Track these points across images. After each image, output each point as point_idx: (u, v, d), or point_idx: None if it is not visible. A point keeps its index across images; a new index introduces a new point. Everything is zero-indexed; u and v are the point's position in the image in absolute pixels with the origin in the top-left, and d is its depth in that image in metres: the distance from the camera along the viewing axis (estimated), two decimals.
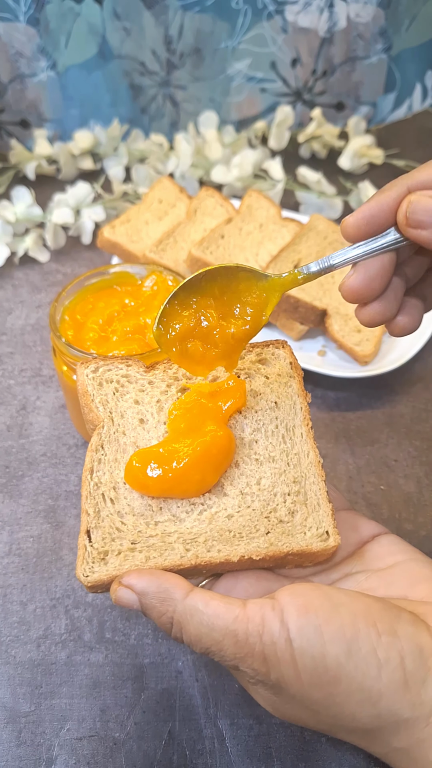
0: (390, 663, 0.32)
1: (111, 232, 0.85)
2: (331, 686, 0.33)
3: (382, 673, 0.32)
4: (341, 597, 0.34)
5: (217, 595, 0.35)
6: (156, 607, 0.36)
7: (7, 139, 1.14)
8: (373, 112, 1.20)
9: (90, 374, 0.46)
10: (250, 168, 1.01)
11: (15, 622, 0.54)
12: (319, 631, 0.33)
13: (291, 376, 0.47)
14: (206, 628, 0.34)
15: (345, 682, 0.32)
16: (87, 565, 0.38)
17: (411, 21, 1.08)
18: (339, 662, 0.32)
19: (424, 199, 0.36)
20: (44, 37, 1.01)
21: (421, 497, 0.63)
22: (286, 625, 0.33)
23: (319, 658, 0.32)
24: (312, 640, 0.33)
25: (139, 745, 0.47)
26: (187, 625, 0.35)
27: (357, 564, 0.41)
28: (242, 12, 1.03)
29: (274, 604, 0.34)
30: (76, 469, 0.66)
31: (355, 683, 0.32)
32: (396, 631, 0.33)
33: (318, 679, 0.33)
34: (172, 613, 0.35)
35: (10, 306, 0.86)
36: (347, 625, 0.33)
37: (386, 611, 0.34)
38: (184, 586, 0.36)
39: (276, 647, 0.33)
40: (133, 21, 1.01)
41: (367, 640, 0.33)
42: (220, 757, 0.46)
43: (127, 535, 0.40)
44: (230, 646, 0.34)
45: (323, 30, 1.06)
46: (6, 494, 0.63)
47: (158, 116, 1.14)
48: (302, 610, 0.33)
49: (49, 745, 0.47)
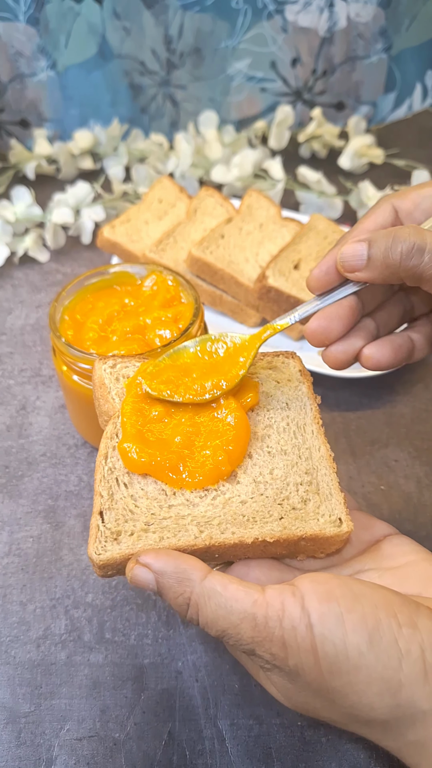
0: (411, 654, 0.33)
1: (111, 231, 0.85)
2: (350, 675, 0.33)
3: (403, 664, 0.32)
4: (362, 587, 0.34)
5: (235, 579, 0.35)
6: (173, 587, 0.35)
7: (6, 138, 1.14)
8: (374, 111, 1.20)
9: (108, 369, 0.48)
10: (250, 168, 1.01)
11: (15, 622, 0.54)
12: (341, 619, 0.33)
13: (300, 381, 0.49)
14: (224, 611, 0.34)
15: (365, 671, 0.32)
16: (99, 544, 0.38)
17: (411, 21, 1.08)
18: (360, 651, 0.32)
19: (349, 246, 0.41)
20: (44, 37, 1.01)
21: (421, 497, 0.63)
22: (307, 612, 0.33)
23: (340, 646, 0.32)
24: (333, 628, 0.33)
25: (138, 746, 0.47)
26: (204, 607, 0.35)
27: (369, 562, 0.41)
28: (242, 12, 1.03)
29: (295, 591, 0.34)
30: (76, 469, 0.66)
31: (375, 673, 0.32)
32: (416, 624, 0.33)
33: (338, 667, 0.33)
34: (189, 594, 0.35)
35: (9, 306, 0.86)
36: (369, 615, 0.33)
37: (406, 604, 0.34)
38: (201, 568, 0.36)
39: (296, 633, 0.33)
40: (133, 21, 1.01)
41: (389, 631, 0.33)
42: (220, 757, 0.46)
43: (140, 517, 0.40)
44: (248, 630, 0.34)
45: (323, 30, 1.06)
46: (6, 494, 0.63)
47: (158, 116, 1.14)
48: (324, 597, 0.33)
49: (49, 745, 0.47)
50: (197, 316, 0.57)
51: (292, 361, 0.51)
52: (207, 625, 0.35)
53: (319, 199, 0.98)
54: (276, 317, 0.77)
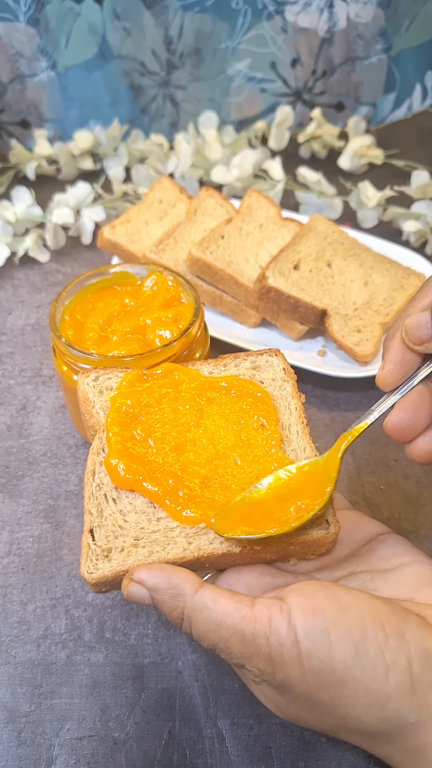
0: (397, 666, 0.32)
1: (111, 232, 0.85)
2: (337, 689, 0.33)
3: (389, 677, 0.32)
4: (349, 598, 0.34)
5: (227, 592, 0.36)
6: (167, 602, 0.36)
7: (7, 139, 1.14)
8: (373, 112, 1.20)
9: (90, 383, 0.47)
10: (250, 168, 1.01)
11: (15, 621, 0.54)
12: (327, 634, 0.33)
13: (285, 380, 0.49)
14: (214, 625, 0.34)
15: (352, 684, 0.32)
16: (91, 563, 0.39)
17: (411, 21, 1.08)
18: (346, 665, 0.32)
19: (413, 318, 0.40)
20: (44, 38, 1.01)
21: (420, 497, 0.63)
22: (294, 627, 0.33)
23: (326, 661, 0.32)
24: (319, 643, 0.33)
25: (139, 745, 0.47)
26: (196, 621, 0.35)
27: (361, 563, 0.41)
28: (242, 12, 1.03)
29: (282, 606, 0.34)
30: (77, 469, 0.66)
31: (362, 686, 0.32)
32: (404, 634, 0.33)
33: (324, 681, 0.33)
34: (182, 609, 0.36)
35: (10, 306, 0.86)
36: (355, 628, 0.33)
37: (394, 613, 0.34)
38: (193, 582, 0.36)
39: (283, 649, 0.33)
40: (133, 21, 1.01)
41: (375, 643, 0.33)
42: (220, 756, 0.46)
43: (129, 532, 0.41)
44: (237, 645, 0.34)
45: (323, 30, 1.06)
46: (6, 494, 0.64)
47: (158, 116, 1.14)
48: (310, 612, 0.33)
49: (49, 744, 0.47)
50: (197, 316, 0.57)
51: (276, 359, 0.50)
52: (200, 639, 0.36)
53: (318, 199, 0.98)
54: (276, 317, 0.77)
